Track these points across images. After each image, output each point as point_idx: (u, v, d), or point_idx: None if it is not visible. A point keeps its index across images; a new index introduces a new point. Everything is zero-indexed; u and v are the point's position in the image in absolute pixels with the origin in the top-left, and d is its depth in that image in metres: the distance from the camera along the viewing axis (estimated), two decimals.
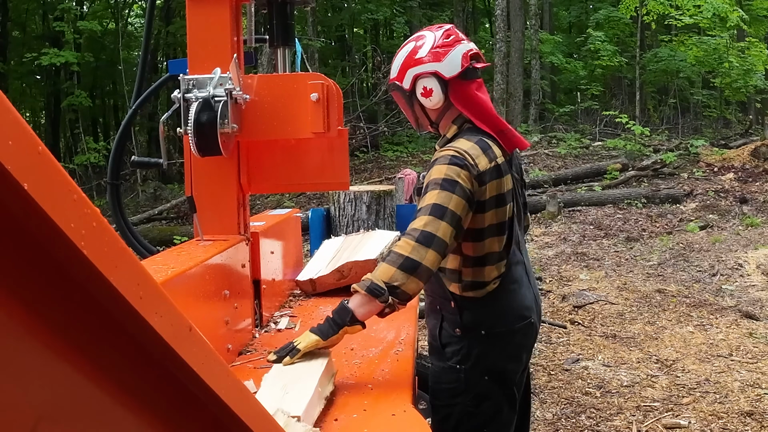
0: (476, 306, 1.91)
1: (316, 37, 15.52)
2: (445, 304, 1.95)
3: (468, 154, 1.82)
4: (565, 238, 8.18)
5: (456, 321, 1.92)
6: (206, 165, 2.16)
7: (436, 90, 1.91)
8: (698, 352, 4.40)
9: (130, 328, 0.54)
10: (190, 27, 2.19)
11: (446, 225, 1.73)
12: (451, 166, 1.79)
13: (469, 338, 1.90)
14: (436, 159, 1.86)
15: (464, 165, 1.80)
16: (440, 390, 1.97)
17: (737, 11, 14.25)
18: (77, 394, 0.56)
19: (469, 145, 1.85)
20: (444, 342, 1.94)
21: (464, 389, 1.91)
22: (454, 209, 1.74)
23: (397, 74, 1.95)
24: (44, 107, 19.25)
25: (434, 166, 1.83)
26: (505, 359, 1.95)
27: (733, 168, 11.35)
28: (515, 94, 15.96)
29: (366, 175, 12.63)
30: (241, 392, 0.72)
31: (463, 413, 1.92)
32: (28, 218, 0.44)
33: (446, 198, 1.75)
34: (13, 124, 0.41)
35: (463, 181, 1.78)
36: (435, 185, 1.78)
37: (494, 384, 1.93)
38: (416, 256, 1.69)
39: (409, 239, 1.72)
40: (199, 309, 1.84)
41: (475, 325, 1.91)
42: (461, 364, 1.90)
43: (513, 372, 1.98)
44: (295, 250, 3.11)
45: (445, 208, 1.74)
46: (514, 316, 1.95)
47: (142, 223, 10.39)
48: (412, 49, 1.94)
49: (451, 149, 1.85)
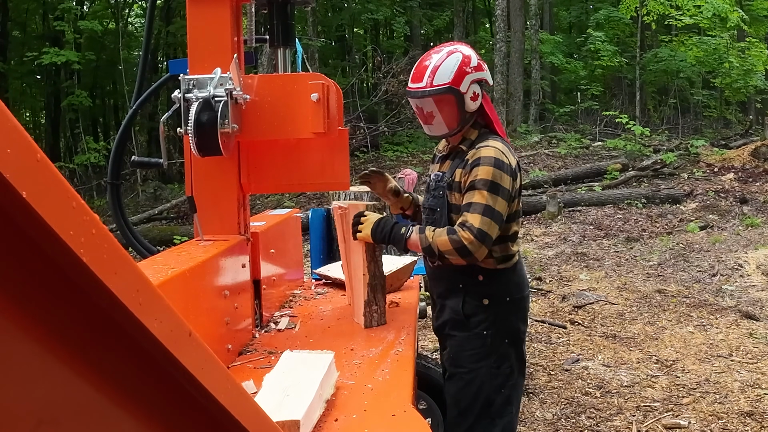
0: (504, 277, 2.25)
1: (316, 37, 15.52)
2: (470, 281, 2.23)
3: (505, 155, 2.15)
4: (565, 239, 8.18)
5: (484, 292, 2.22)
6: (206, 165, 2.16)
7: (479, 95, 2.22)
8: (698, 353, 4.41)
9: (130, 333, 0.54)
10: (191, 27, 2.19)
11: (495, 225, 2.10)
12: (496, 169, 2.11)
13: (495, 306, 2.22)
14: (479, 157, 2.13)
15: (505, 166, 2.13)
16: (464, 357, 2.23)
17: (737, 11, 14.25)
18: (77, 399, 0.56)
19: (502, 146, 2.18)
20: (468, 313, 2.23)
21: (488, 353, 2.21)
22: (501, 210, 2.11)
23: (453, 79, 2.16)
24: (44, 107, 19.26)
25: (481, 166, 2.11)
26: (519, 321, 2.30)
27: (733, 168, 11.35)
28: (515, 94, 15.97)
29: None
30: (240, 396, 0.72)
31: (486, 375, 2.20)
32: (27, 226, 0.43)
33: (494, 200, 2.10)
34: (12, 131, 0.41)
35: (505, 183, 2.12)
36: (484, 185, 2.10)
37: (511, 346, 2.25)
38: (471, 248, 2.07)
39: (469, 233, 2.07)
40: (199, 309, 1.84)
41: (502, 294, 2.24)
42: (487, 330, 2.21)
43: (523, 333, 2.33)
44: (295, 250, 3.11)
45: (494, 210, 2.09)
46: (525, 284, 2.36)
47: (142, 223, 10.39)
48: (464, 58, 2.20)
49: (491, 148, 2.15)
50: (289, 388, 1.55)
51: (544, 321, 5.13)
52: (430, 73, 2.17)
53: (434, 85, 2.17)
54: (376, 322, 2.31)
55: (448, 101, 2.18)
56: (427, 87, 2.17)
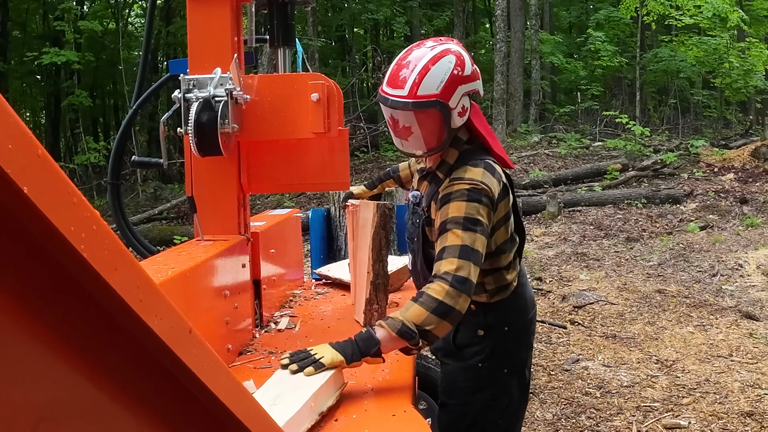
0: (500, 306, 1.96)
1: (316, 37, 15.52)
2: None
3: (484, 185, 1.78)
4: (565, 239, 8.18)
5: (479, 323, 1.94)
6: (206, 165, 2.17)
7: (468, 109, 1.85)
8: (698, 353, 4.40)
9: (130, 330, 0.54)
10: (191, 27, 2.19)
11: (475, 267, 1.72)
12: (470, 203, 1.75)
13: (493, 336, 1.94)
14: (449, 193, 1.78)
15: (481, 199, 1.76)
16: (456, 389, 1.99)
17: (737, 12, 14.25)
18: (77, 395, 0.56)
19: (480, 173, 1.80)
20: (461, 344, 1.97)
21: (483, 385, 1.95)
22: (480, 249, 1.74)
23: (442, 92, 1.77)
24: (44, 107, 19.26)
25: (452, 202, 1.76)
26: (522, 349, 2.03)
27: (734, 168, 11.35)
28: (515, 94, 15.97)
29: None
30: (240, 394, 0.72)
31: (480, 408, 1.96)
32: (28, 221, 0.44)
33: (471, 238, 1.72)
34: (13, 127, 0.41)
35: (482, 217, 1.76)
36: (456, 224, 1.74)
37: (511, 375, 1.98)
38: (450, 301, 1.66)
39: (443, 283, 1.68)
40: (200, 309, 1.84)
41: (500, 323, 1.95)
42: (483, 362, 1.94)
43: (527, 358, 2.07)
44: (295, 250, 3.11)
45: (471, 250, 1.72)
46: (528, 308, 2.03)
47: (142, 223, 10.39)
48: (457, 64, 1.79)
49: (465, 183, 1.78)
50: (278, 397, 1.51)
51: (544, 321, 5.13)
52: (416, 79, 1.76)
53: (419, 96, 1.76)
54: (376, 321, 2.30)
55: (432, 117, 1.79)
56: (409, 98, 1.76)
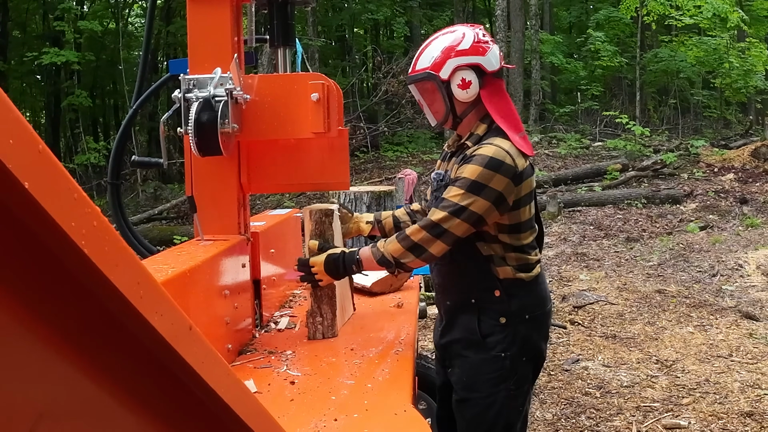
0: (523, 292, 2.02)
1: (316, 37, 15.52)
2: (485, 296, 2.00)
3: (509, 154, 1.90)
4: (565, 239, 8.18)
5: (502, 309, 1.99)
6: (206, 165, 2.16)
7: (474, 83, 1.97)
8: (698, 353, 4.40)
9: (131, 327, 0.54)
10: (191, 27, 2.19)
11: (461, 223, 1.86)
12: (486, 170, 1.86)
13: (514, 324, 2.00)
14: (473, 155, 1.91)
15: (500, 168, 1.87)
16: (481, 382, 2.01)
17: (737, 12, 14.25)
18: (77, 393, 0.56)
19: (508, 145, 1.92)
20: (485, 333, 2.00)
21: (507, 375, 1.99)
22: (477, 210, 1.86)
23: (433, 64, 1.97)
24: (44, 107, 19.26)
25: (470, 164, 1.89)
26: (541, 339, 2.09)
27: (734, 168, 11.35)
28: (515, 94, 15.95)
29: (366, 175, 12.63)
30: (241, 392, 0.72)
31: (505, 398, 2.00)
32: (28, 217, 0.44)
33: (468, 200, 1.85)
34: (14, 122, 0.41)
35: (496, 184, 1.86)
36: (463, 185, 1.87)
37: (530, 364, 2.05)
38: (425, 244, 1.88)
39: (424, 229, 1.88)
40: (199, 309, 1.84)
41: (521, 311, 2.01)
42: (506, 351, 1.99)
43: (544, 351, 2.13)
44: (295, 250, 3.11)
45: (463, 209, 1.85)
46: (547, 299, 2.13)
47: (142, 223, 10.38)
48: (453, 42, 1.98)
49: (492, 146, 1.90)
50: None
51: None
52: (416, 56, 2.04)
53: (416, 70, 2.02)
54: (321, 334, 2.16)
55: (430, 89, 2.02)
56: (410, 72, 2.04)
